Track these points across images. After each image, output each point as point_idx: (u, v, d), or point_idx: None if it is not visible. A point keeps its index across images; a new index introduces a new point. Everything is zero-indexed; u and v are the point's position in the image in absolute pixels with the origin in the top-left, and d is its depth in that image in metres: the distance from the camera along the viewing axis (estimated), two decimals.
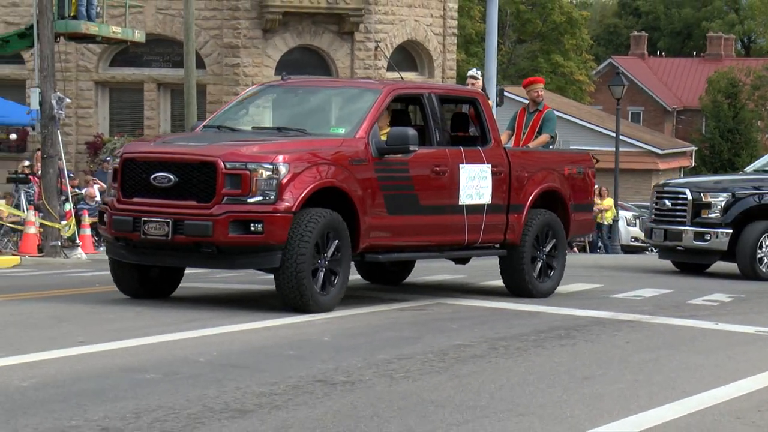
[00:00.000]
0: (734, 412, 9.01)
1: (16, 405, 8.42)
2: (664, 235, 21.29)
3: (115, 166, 13.87)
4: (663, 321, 14.38)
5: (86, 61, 41.65)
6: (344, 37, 42.81)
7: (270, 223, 12.83)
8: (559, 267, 16.54)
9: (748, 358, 11.69)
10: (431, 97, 15.11)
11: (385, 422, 8.15)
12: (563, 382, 10.05)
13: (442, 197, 14.83)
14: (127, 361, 10.35)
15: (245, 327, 12.69)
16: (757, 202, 20.56)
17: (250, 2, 41.85)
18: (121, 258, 13.96)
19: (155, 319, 12.86)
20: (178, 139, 16.09)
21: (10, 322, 12.62)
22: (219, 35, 41.59)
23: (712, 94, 77.69)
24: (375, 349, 11.46)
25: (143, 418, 8.02)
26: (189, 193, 13.13)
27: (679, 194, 21.32)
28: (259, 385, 9.33)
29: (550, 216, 16.23)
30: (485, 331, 12.95)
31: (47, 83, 27.54)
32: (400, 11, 44.28)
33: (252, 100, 16.06)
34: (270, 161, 13.01)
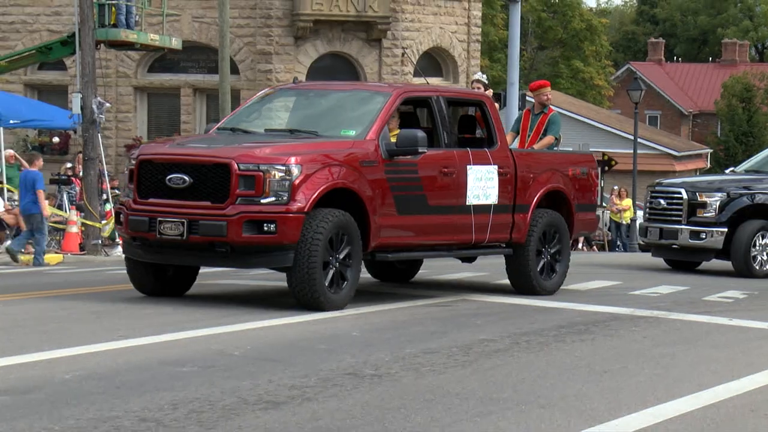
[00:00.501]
0: (749, 404, 9.00)
1: (60, 396, 8.47)
2: (659, 234, 21.16)
3: (132, 168, 13.71)
4: (679, 317, 14.34)
5: (125, 67, 41.75)
6: (372, 43, 42.81)
7: (283, 223, 12.66)
8: (563, 265, 16.35)
9: (761, 352, 11.65)
10: (439, 100, 14.93)
11: (411, 413, 8.16)
12: (583, 375, 10.05)
13: (450, 197, 14.62)
14: (165, 355, 10.39)
15: (277, 322, 12.70)
16: (750, 201, 20.47)
17: (282, 11, 41.89)
18: (138, 257, 13.84)
19: (191, 315, 12.88)
20: (193, 141, 15.94)
21: (53, 317, 12.68)
22: (252, 42, 41.64)
23: (727, 98, 77.49)
24: (402, 344, 11.47)
25: (180, 410, 8.05)
26: (203, 194, 12.95)
27: (674, 194, 21.21)
28: (291, 378, 9.35)
29: (554, 215, 16.05)
30: (508, 327, 12.96)
31: (88, 89, 27.64)
32: (426, 19, 44.25)
33: (264, 102, 15.74)
34: (282, 163, 12.85)
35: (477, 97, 16.41)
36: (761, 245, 20.21)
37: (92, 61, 28.07)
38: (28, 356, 10.04)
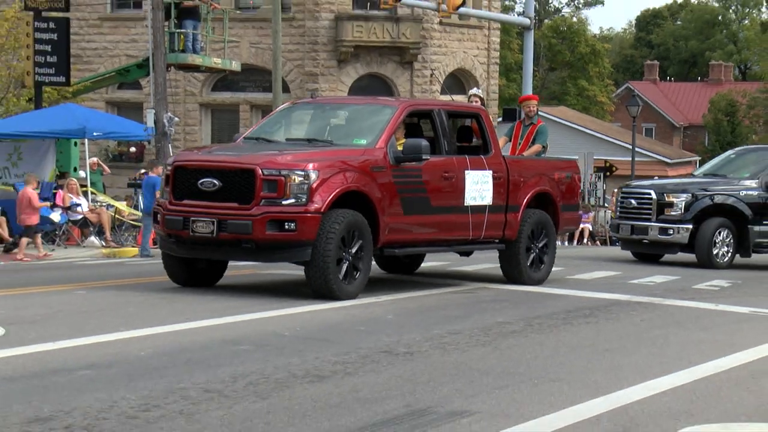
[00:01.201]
0: (733, 379, 8.96)
1: (135, 370, 8.52)
2: (631, 230, 20.89)
3: (168, 173, 13.58)
4: (672, 303, 14.26)
5: (192, 86, 41.94)
6: (405, 66, 42.85)
7: (302, 223, 12.41)
8: (549, 259, 16.00)
9: (744, 334, 11.58)
10: (440, 113, 14.72)
11: (438, 386, 8.15)
12: (588, 353, 10.01)
13: (450, 199, 14.31)
14: (225, 335, 10.40)
15: (322, 307, 12.68)
16: (711, 201, 20.23)
17: (327, 37, 41.99)
18: (173, 252, 13.55)
19: (247, 300, 12.87)
20: (222, 149, 15.48)
21: (131, 302, 12.71)
22: (301, 65, 41.75)
23: (714, 113, 77.13)
24: (430, 326, 11.45)
25: (239, 382, 8.07)
26: (231, 196, 12.67)
27: (644, 194, 20.94)
28: (334, 355, 9.35)
29: (542, 215, 15.72)
30: (522, 311, 12.93)
31: (160, 105, 27.78)
32: (451, 44, 44.27)
33: (285, 115, 15.45)
34: (302, 168, 12.58)
35: (474, 110, 16.11)
36: (721, 240, 20.00)
37: (164, 81, 28.20)
38: (108, 336, 10.09)
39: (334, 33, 42.12)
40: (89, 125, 27.81)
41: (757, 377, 9.09)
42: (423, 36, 42.64)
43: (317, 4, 41.98)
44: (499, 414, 7.26)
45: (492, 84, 47.10)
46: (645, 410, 7.58)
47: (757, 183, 20.38)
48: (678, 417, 7.35)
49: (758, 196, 20.25)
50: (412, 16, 41.64)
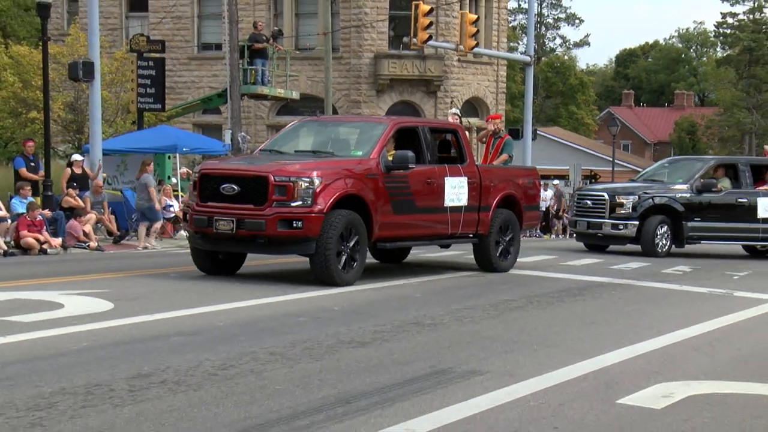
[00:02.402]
0: (694, 345, 8.93)
1: (216, 337, 8.56)
2: (587, 225, 20.68)
3: (195, 179, 13.17)
4: (645, 284, 14.21)
5: (260, 111, 42.05)
6: (430, 95, 42.82)
7: (307, 221, 11.96)
8: (515, 250, 15.51)
9: (702, 309, 11.52)
10: (424, 129, 14.27)
11: (457, 351, 8.15)
12: (577, 325, 9.99)
13: (432, 201, 13.80)
14: (286, 309, 10.44)
15: (364, 287, 12.67)
16: (653, 202, 20.02)
17: (368, 72, 42.07)
18: (199, 246, 13.07)
19: (303, 282, 12.85)
20: (241, 159, 14.92)
21: (210, 284, 12.69)
22: (347, 94, 41.81)
23: (678, 132, 76.74)
24: (450, 302, 11.45)
25: (297, 347, 8.10)
26: (248, 199, 12.23)
27: (598, 196, 20.69)
28: (374, 326, 9.36)
29: (509, 214, 15.23)
30: (524, 291, 12.89)
31: (235, 126, 27.87)
32: (467, 77, 44.22)
33: (295, 131, 14.82)
34: (307, 176, 12.11)
35: (451, 127, 15.52)
36: (661, 234, 19.83)
37: (238, 108, 28.29)
38: (194, 310, 10.13)
39: (374, 68, 42.19)
40: (180, 142, 28.04)
41: (713, 344, 9.06)
42: (444, 71, 42.64)
43: (360, 45, 42.09)
44: (505, 373, 7.26)
45: (500, 109, 46.96)
46: (623, 370, 7.56)
47: (687, 187, 20.21)
48: (649, 376, 7.33)
49: (689, 198, 20.08)
50: (435, 55, 41.63)
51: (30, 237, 18.60)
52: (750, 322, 10.72)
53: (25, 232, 18.67)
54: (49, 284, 12.05)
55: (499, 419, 5.93)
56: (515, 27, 71.19)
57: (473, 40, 32.27)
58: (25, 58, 34.38)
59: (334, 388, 6.62)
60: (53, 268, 14.86)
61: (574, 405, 6.36)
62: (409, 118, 15.43)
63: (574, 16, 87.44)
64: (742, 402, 6.67)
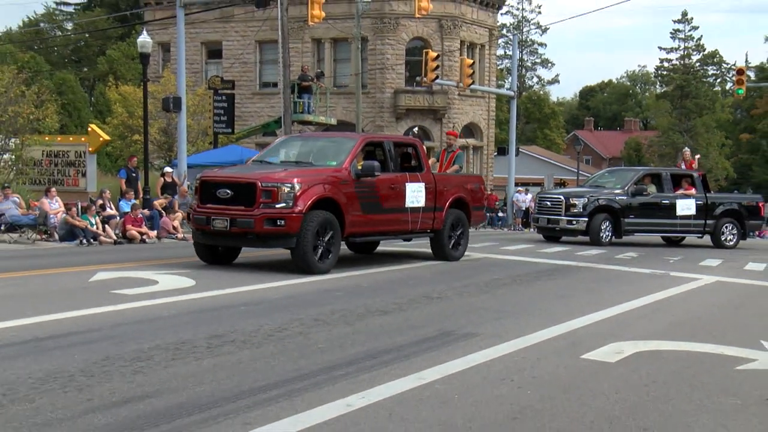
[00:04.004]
0: (639, 314, 8.85)
1: (272, 307, 8.53)
2: (547, 221, 20.49)
3: (196, 185, 12.39)
4: (603, 267, 14.11)
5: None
6: (437, 121, 42.72)
7: (289, 220, 11.19)
8: (464, 243, 14.67)
9: (646, 286, 11.42)
10: (389, 143, 13.55)
11: (458, 318, 8.10)
12: (550, 298, 9.92)
13: (395, 203, 13.02)
14: (327, 286, 10.41)
15: (386, 269, 12.67)
16: (598, 203, 19.84)
17: (389, 103, 42.07)
18: (200, 240, 12.29)
19: (337, 266, 12.86)
20: (234, 169, 13.82)
21: (266, 266, 12.74)
22: (373, 120, 41.79)
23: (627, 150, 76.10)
24: (452, 280, 11.40)
25: (335, 315, 8.07)
26: (240, 202, 11.45)
27: (556, 198, 20.52)
28: (394, 299, 9.33)
29: (459, 213, 14.43)
30: (509, 272, 12.82)
31: None
32: (465, 107, 44.11)
33: (282, 144, 13.88)
34: (289, 182, 11.32)
35: (411, 142, 14.57)
36: (604, 228, 19.67)
37: (290, 131, 28.25)
38: (257, 286, 10.14)
39: (393, 101, 42.17)
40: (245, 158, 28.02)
41: (656, 312, 8.98)
42: (448, 102, 42.54)
43: (383, 83, 42.07)
44: (495, 335, 7.21)
45: (491, 132, 46.93)
46: (586, 332, 7.50)
47: (624, 191, 20.08)
48: (607, 337, 7.26)
49: (626, 200, 19.93)
50: (441, 90, 41.50)
51: (133, 230, 18.70)
52: (683, 296, 10.62)
53: (130, 226, 18.78)
54: (147, 266, 12.10)
55: (491, 370, 5.89)
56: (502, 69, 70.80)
57: (470, 79, 32.22)
58: (131, 95, 34.65)
59: (363, 346, 6.59)
60: (150, 254, 14.91)
61: (549, 359, 6.31)
62: (376, 134, 13.90)
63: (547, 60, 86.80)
64: (675, 356, 6.61)
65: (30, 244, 17.35)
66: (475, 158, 45.96)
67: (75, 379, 5.29)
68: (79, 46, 70.39)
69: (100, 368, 5.58)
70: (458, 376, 5.66)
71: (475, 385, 5.46)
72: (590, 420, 4.75)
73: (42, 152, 24.70)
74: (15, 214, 18.46)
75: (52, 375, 5.37)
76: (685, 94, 69.42)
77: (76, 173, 24.58)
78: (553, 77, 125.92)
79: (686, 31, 72.60)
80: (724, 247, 20.52)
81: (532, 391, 5.32)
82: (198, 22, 41.66)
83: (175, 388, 5.12)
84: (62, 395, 4.91)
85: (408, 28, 41.97)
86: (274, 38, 35.20)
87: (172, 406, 4.73)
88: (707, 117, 68.60)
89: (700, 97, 69.71)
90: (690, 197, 20.56)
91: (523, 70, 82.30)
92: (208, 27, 43.42)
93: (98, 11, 65.36)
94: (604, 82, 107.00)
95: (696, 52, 73.45)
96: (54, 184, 22.80)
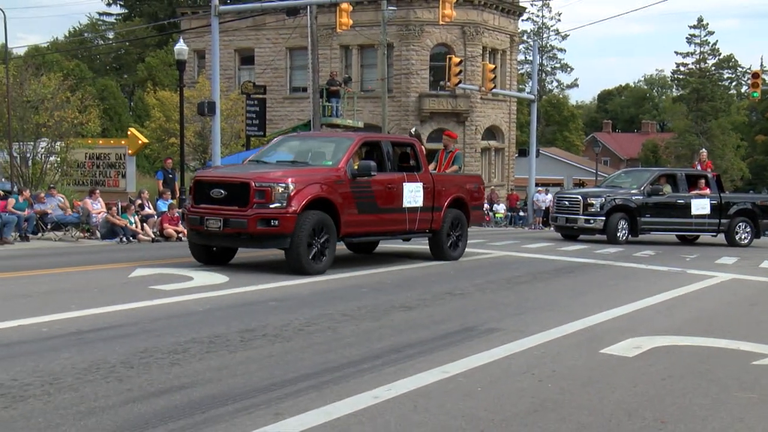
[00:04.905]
0: (657, 309, 8.75)
1: (301, 302, 8.54)
2: (565, 220, 20.23)
3: (191, 185, 11.92)
4: (620, 264, 13.97)
5: None
6: (460, 123, 42.55)
7: (283, 220, 10.65)
8: (463, 242, 14.03)
9: (662, 283, 11.29)
10: (386, 143, 12.93)
11: (480, 313, 8.07)
12: (570, 294, 9.84)
13: (392, 203, 12.41)
14: (353, 282, 10.42)
15: (411, 266, 12.65)
16: (615, 202, 19.60)
17: (414, 107, 41.98)
18: (194, 240, 11.68)
19: (362, 263, 12.86)
20: (229, 168, 13.20)
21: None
22: (398, 123, 41.69)
23: (645, 151, 75.39)
24: (474, 277, 11.36)
25: (362, 310, 8.07)
26: (233, 202, 10.90)
27: (574, 198, 20.27)
28: (418, 295, 9.31)
29: (458, 213, 13.81)
30: (529, 269, 12.74)
31: None
32: (487, 111, 43.91)
33: (278, 144, 13.25)
34: (283, 182, 10.77)
35: (409, 141, 13.89)
36: (621, 227, 19.42)
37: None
38: (284, 282, 10.15)
39: (418, 104, 42.08)
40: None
41: (672, 308, 8.87)
42: (470, 106, 42.38)
43: (408, 87, 42.00)
44: (516, 330, 7.16)
45: (512, 134, 46.70)
46: (604, 328, 7.43)
47: (639, 191, 19.85)
48: (624, 332, 7.19)
49: (642, 200, 19.70)
50: (464, 94, 41.39)
51: (170, 229, 18.84)
52: (699, 293, 10.49)
53: (167, 225, 18.93)
54: (183, 263, 12.16)
55: (513, 364, 5.85)
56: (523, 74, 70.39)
57: (492, 83, 32.06)
58: (168, 100, 34.91)
59: (389, 340, 6.58)
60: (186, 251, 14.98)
61: (568, 354, 6.26)
62: (373, 134, 12.58)
63: (566, 65, 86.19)
64: (691, 351, 6.52)
65: (73, 242, 17.56)
66: (497, 160, 45.77)
67: (116, 370, 5.34)
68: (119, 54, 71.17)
69: (139, 360, 5.63)
70: (481, 370, 5.63)
71: (497, 378, 5.43)
72: (609, 412, 4.70)
73: (85, 155, 25.00)
74: (59, 213, 18.71)
75: (94, 366, 5.43)
76: (701, 97, 68.70)
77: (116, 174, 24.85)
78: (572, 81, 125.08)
79: (702, 36, 71.91)
80: (738, 246, 20.27)
81: (553, 385, 5.28)
82: (231, 30, 41.88)
83: (209, 380, 5.15)
84: (104, 385, 4.96)
85: (432, 34, 41.87)
86: (304, 45, 35.31)
87: (206, 397, 4.75)
88: (723, 119, 67.81)
89: (715, 100, 68.95)
90: (705, 197, 20.35)
91: (543, 74, 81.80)
92: (241, 35, 43.63)
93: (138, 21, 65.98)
94: (621, 86, 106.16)
95: (712, 57, 72.72)
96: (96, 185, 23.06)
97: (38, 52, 54.61)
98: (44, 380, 5.03)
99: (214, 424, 4.25)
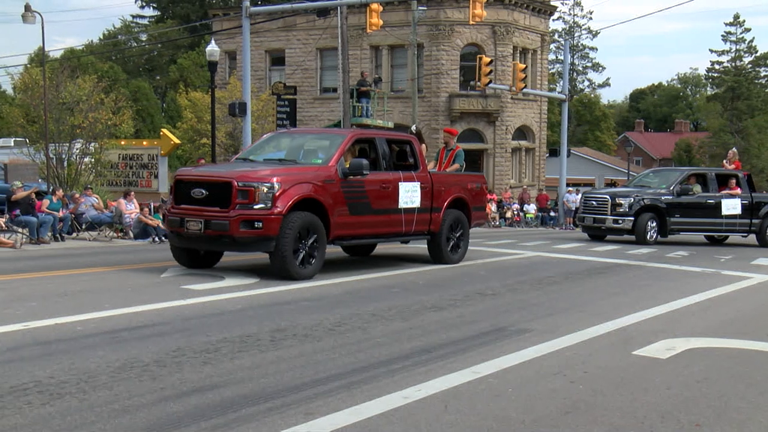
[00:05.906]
0: (691, 311, 8.63)
1: (333, 302, 8.56)
2: (593, 221, 20.01)
3: (171, 185, 11.34)
4: (652, 265, 13.81)
5: None
6: (490, 123, 42.43)
7: (267, 222, 10.02)
8: (464, 244, 13.38)
9: (696, 284, 11.14)
10: (381, 140, 12.20)
11: (510, 314, 8.02)
12: (601, 295, 9.75)
13: (387, 203, 11.74)
14: (383, 282, 10.42)
15: (443, 267, 12.62)
16: (644, 202, 19.35)
17: (444, 107, 41.89)
18: (174, 243, 11.03)
19: (393, 263, 12.81)
20: (212, 167, 12.66)
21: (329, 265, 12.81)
22: (428, 123, 41.66)
23: (678, 151, 74.51)
24: (505, 277, 11.30)
25: (392, 310, 8.05)
26: (215, 202, 10.26)
27: (602, 198, 20.03)
28: (449, 295, 9.28)
29: (459, 213, 13.17)
30: (560, 270, 12.63)
31: None
32: (518, 111, 43.68)
33: (268, 141, 12.57)
34: (268, 181, 10.12)
35: (406, 138, 13.22)
36: (650, 227, 19.22)
37: None
38: (316, 282, 10.18)
39: (448, 104, 41.99)
40: None
41: (705, 310, 8.75)
42: (501, 106, 42.20)
43: (438, 87, 41.93)
44: (547, 331, 7.11)
45: (543, 134, 46.38)
46: (636, 329, 7.35)
47: (668, 191, 19.60)
48: (657, 333, 7.11)
49: (671, 200, 19.45)
50: (494, 94, 41.24)
51: None
52: (733, 294, 10.33)
53: None
54: None
55: (544, 365, 5.81)
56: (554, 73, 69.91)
57: (522, 83, 31.87)
58: (199, 100, 35.25)
59: (419, 340, 6.57)
60: None
61: (600, 355, 6.20)
62: (367, 131, 12.00)
63: (598, 64, 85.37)
64: (727, 353, 6.42)
65: (107, 242, 17.80)
66: (528, 160, 45.51)
67: (149, 368, 5.40)
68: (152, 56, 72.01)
69: (171, 359, 5.68)
70: (512, 371, 5.60)
71: (529, 379, 5.39)
72: (642, 415, 4.65)
73: (118, 155, 25.34)
74: (93, 213, 18.97)
75: (128, 364, 5.49)
76: (736, 96, 67.70)
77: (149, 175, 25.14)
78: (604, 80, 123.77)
79: (738, 34, 70.77)
80: None
81: (585, 386, 5.23)
82: (262, 31, 42.15)
83: (240, 379, 5.18)
84: (138, 383, 5.01)
85: (462, 34, 41.75)
86: (334, 45, 35.43)
87: (238, 396, 4.79)
88: (759, 118, 66.70)
89: (751, 98, 67.89)
90: (735, 197, 20.03)
91: (575, 73, 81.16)
92: (271, 36, 43.89)
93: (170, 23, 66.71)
94: (654, 84, 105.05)
95: (748, 54, 71.52)
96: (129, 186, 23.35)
97: (74, 54, 55.48)
98: (80, 378, 5.10)
99: (246, 423, 4.28)
